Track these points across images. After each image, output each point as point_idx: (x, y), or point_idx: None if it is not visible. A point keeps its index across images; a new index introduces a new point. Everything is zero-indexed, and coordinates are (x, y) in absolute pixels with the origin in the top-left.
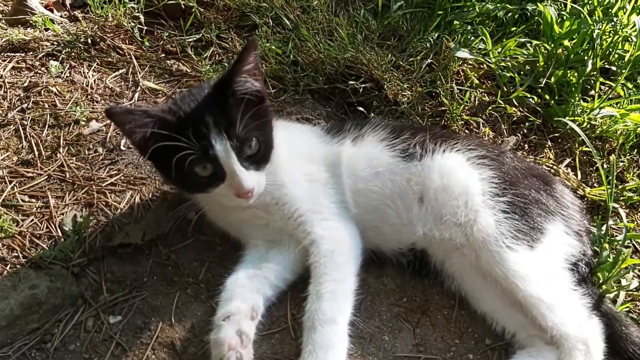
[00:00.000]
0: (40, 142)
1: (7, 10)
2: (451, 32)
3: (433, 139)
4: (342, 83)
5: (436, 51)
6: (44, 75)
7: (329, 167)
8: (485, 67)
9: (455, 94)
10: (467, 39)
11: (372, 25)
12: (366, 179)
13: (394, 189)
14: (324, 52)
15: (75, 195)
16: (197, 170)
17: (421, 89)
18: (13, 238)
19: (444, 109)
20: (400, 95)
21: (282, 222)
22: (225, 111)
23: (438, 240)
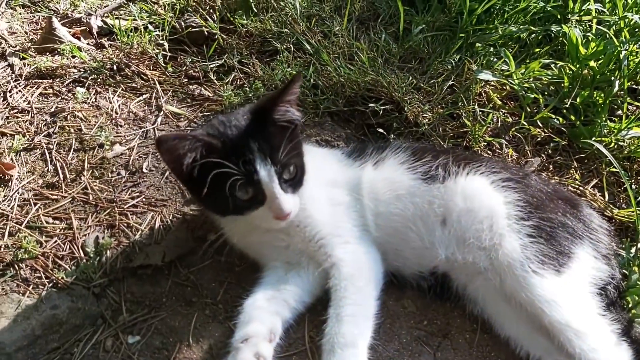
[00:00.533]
0: (65, 166)
1: (36, 38)
2: (473, 55)
3: (456, 162)
4: (362, 105)
5: (458, 73)
6: (71, 100)
7: (351, 190)
8: (508, 89)
9: (477, 115)
10: (490, 60)
11: (393, 48)
12: (387, 201)
13: (416, 211)
14: (344, 75)
15: (98, 217)
16: (238, 194)
17: (442, 110)
18: (36, 259)
19: (465, 130)
20: (421, 117)
21: (302, 245)
22: (267, 138)
23: (461, 263)
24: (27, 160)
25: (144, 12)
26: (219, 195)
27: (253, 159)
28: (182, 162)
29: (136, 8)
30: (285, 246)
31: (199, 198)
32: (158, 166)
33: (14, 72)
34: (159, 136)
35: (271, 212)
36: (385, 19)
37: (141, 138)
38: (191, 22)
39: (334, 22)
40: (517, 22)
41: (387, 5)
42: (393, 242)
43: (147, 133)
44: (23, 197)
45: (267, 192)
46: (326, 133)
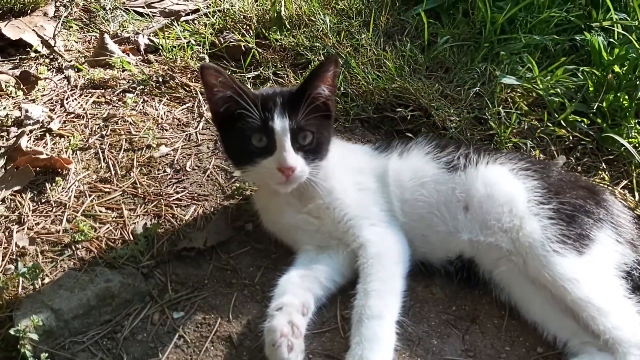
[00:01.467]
0: (117, 163)
1: (89, 55)
2: (498, 63)
3: (477, 152)
4: (390, 112)
5: (483, 81)
6: (121, 108)
7: (378, 178)
8: (534, 95)
9: (502, 117)
10: (514, 68)
11: (420, 58)
12: (413, 189)
13: (440, 198)
14: (372, 83)
15: (146, 208)
16: (253, 140)
17: (469, 114)
18: (91, 241)
19: (492, 133)
20: (448, 121)
21: (331, 227)
22: (293, 100)
23: (485, 247)
24: (82, 158)
25: (187, 32)
26: (237, 140)
27: (273, 109)
28: (214, 92)
29: (179, 27)
30: (315, 230)
31: (224, 142)
32: (200, 165)
33: (69, 83)
34: (203, 63)
35: (276, 163)
36: (412, 32)
37: (184, 141)
38: (229, 38)
39: (363, 36)
40: (540, 32)
41: (413, 19)
42: (419, 227)
43: (189, 136)
44: (79, 189)
45: (277, 143)
46: (356, 138)
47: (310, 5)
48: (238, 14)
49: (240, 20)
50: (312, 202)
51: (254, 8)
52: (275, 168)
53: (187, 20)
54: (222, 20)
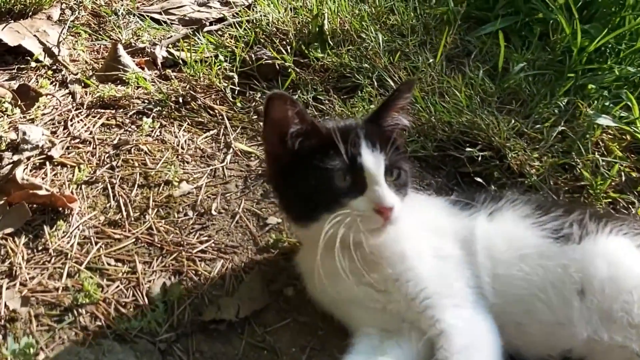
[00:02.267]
0: (129, 202)
1: (98, 66)
2: (584, 97)
3: (594, 218)
4: (455, 150)
5: (567, 118)
6: (134, 132)
7: (462, 243)
8: (629, 138)
9: (600, 166)
10: (605, 105)
11: (490, 87)
12: (508, 262)
13: (546, 276)
14: (435, 115)
15: (164, 262)
16: (336, 181)
17: (552, 159)
18: (97, 305)
19: (582, 184)
20: (527, 167)
21: (402, 305)
22: (376, 131)
23: (606, 346)
24: (88, 195)
25: (211, 44)
26: (314, 181)
27: (359, 143)
28: (287, 127)
29: (203, 39)
30: (380, 308)
31: (286, 186)
32: (228, 208)
33: (75, 100)
34: (273, 92)
35: (371, 203)
36: (478, 56)
37: (209, 177)
38: (262, 55)
39: (419, 58)
40: (632, 62)
41: (480, 41)
42: (515, 313)
43: (215, 172)
44: (84, 234)
45: (368, 180)
46: (413, 181)
47: (358, 19)
48: (271, 25)
49: (273, 34)
50: (377, 270)
51: (291, 20)
52: (371, 209)
53: (211, 31)
54: (251, 33)
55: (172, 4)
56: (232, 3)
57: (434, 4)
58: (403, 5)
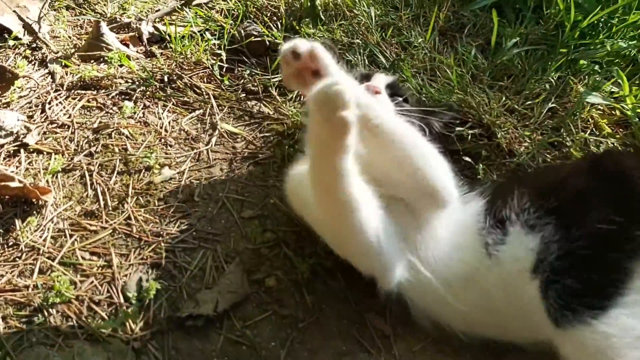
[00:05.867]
0: (107, 191)
1: (80, 44)
2: (575, 73)
3: None
4: (445, 128)
5: (558, 94)
6: (116, 115)
7: None
8: (618, 114)
9: (589, 144)
10: (597, 81)
11: (482, 64)
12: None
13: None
14: (426, 94)
15: (142, 254)
16: None
17: (542, 137)
18: (69, 304)
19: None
20: (516, 145)
21: None
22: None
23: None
24: (64, 184)
25: (199, 18)
26: None
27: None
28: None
29: (191, 13)
30: None
31: None
32: (211, 194)
33: (54, 81)
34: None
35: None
36: (471, 31)
37: (193, 160)
38: (252, 30)
39: (412, 33)
40: (624, 36)
41: (474, 14)
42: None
43: (199, 155)
44: (58, 227)
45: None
46: None
47: None
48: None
49: (264, 7)
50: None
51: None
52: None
53: (201, 4)
54: (242, 6)
55: None
56: None
57: None
58: None
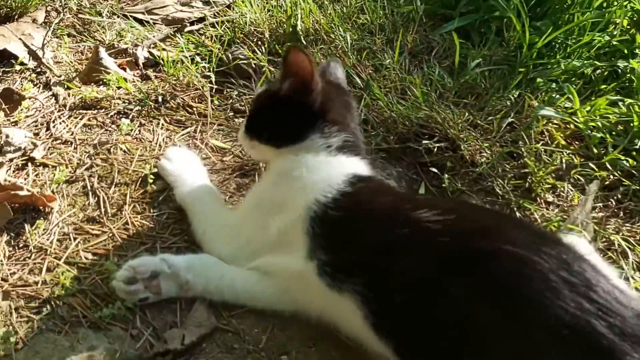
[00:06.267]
0: (107, 199)
1: (81, 68)
2: (534, 90)
3: None
4: (414, 142)
5: (517, 110)
6: (114, 132)
7: None
8: (573, 127)
9: (540, 154)
10: (552, 97)
11: (448, 83)
12: None
13: None
14: (396, 111)
15: (138, 255)
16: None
17: (501, 149)
18: (74, 296)
19: (526, 171)
20: (478, 156)
21: None
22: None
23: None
24: (68, 193)
25: (191, 44)
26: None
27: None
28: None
29: (183, 39)
30: None
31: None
32: None
33: (58, 102)
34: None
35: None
36: (440, 53)
37: None
38: (238, 54)
39: (386, 56)
40: (580, 56)
41: (442, 38)
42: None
43: None
44: (63, 231)
45: None
46: (376, 171)
47: (328, 20)
48: (248, 25)
49: (250, 33)
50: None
51: (267, 20)
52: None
53: (192, 31)
54: (230, 32)
55: (156, 4)
56: (213, 2)
57: (402, 3)
58: (373, 4)
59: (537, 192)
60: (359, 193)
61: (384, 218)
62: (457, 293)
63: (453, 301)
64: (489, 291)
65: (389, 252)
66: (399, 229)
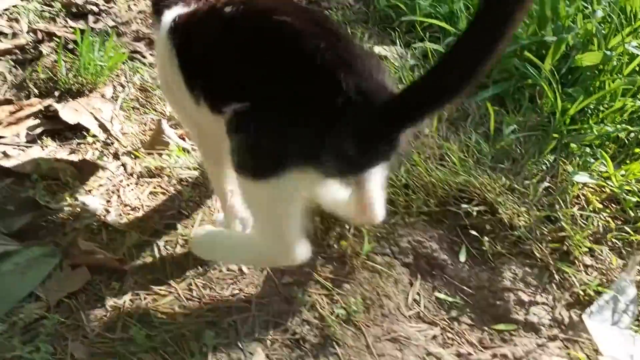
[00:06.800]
0: (172, 261)
1: (146, 139)
2: (568, 155)
3: None
4: (454, 206)
5: (553, 174)
6: (176, 199)
7: None
8: (608, 191)
9: (576, 218)
10: (587, 161)
11: (484, 148)
12: None
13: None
14: (435, 176)
15: (201, 314)
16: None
17: (538, 212)
18: (147, 352)
19: (564, 235)
20: (517, 219)
21: None
22: None
23: None
24: (138, 256)
25: None
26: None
27: None
28: None
29: None
30: None
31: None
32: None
33: (126, 171)
34: None
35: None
36: (475, 119)
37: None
38: None
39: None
40: (613, 121)
41: (477, 105)
42: None
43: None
44: (135, 291)
45: None
46: (418, 233)
47: None
48: None
49: None
50: None
51: None
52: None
53: None
54: None
55: None
56: None
57: None
58: (410, 75)
59: (575, 256)
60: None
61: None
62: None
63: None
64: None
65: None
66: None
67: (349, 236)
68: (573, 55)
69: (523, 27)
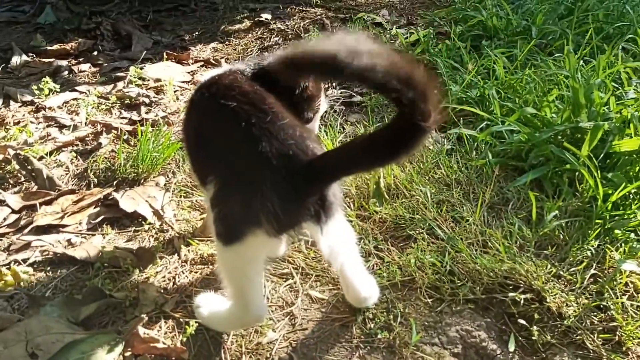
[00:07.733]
0: (227, 350)
1: (197, 225)
2: (613, 241)
3: None
4: (500, 293)
5: (599, 260)
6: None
7: None
8: None
9: (627, 307)
10: (633, 247)
11: (527, 234)
12: None
13: None
14: (479, 262)
15: None
16: None
17: (587, 301)
18: None
19: (615, 325)
20: (565, 308)
21: None
22: None
23: None
24: (194, 344)
25: None
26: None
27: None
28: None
29: None
30: None
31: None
32: (306, 353)
33: (180, 258)
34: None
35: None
36: (516, 205)
37: (289, 324)
38: None
39: (464, 208)
40: None
41: (517, 191)
42: None
43: (294, 319)
44: None
45: None
46: (466, 322)
47: (407, 176)
48: None
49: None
50: None
51: (354, 179)
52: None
53: None
54: None
55: None
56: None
57: (474, 156)
58: (447, 159)
59: (628, 347)
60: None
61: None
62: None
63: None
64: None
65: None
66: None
67: (395, 325)
68: (610, 141)
69: (557, 113)
